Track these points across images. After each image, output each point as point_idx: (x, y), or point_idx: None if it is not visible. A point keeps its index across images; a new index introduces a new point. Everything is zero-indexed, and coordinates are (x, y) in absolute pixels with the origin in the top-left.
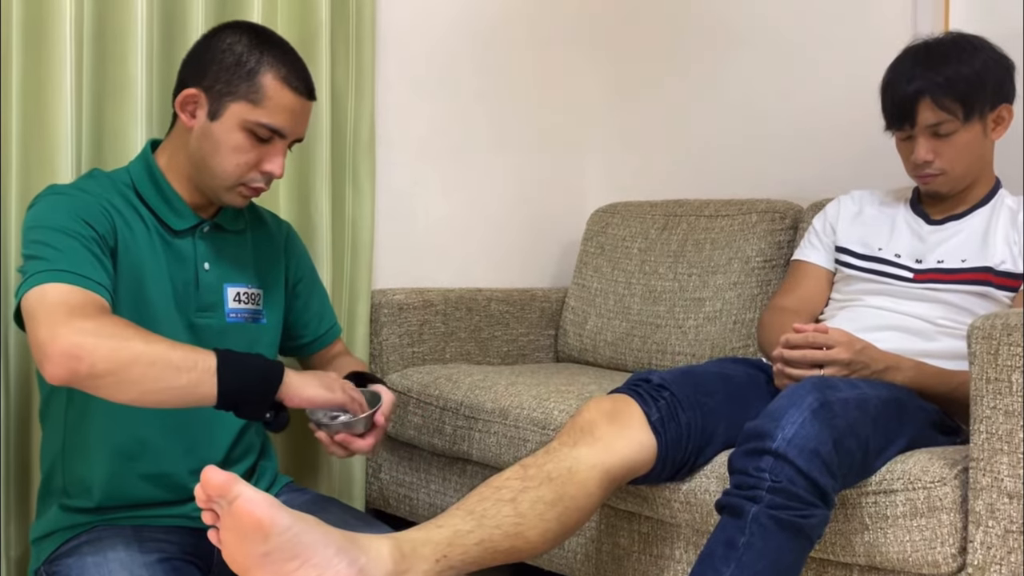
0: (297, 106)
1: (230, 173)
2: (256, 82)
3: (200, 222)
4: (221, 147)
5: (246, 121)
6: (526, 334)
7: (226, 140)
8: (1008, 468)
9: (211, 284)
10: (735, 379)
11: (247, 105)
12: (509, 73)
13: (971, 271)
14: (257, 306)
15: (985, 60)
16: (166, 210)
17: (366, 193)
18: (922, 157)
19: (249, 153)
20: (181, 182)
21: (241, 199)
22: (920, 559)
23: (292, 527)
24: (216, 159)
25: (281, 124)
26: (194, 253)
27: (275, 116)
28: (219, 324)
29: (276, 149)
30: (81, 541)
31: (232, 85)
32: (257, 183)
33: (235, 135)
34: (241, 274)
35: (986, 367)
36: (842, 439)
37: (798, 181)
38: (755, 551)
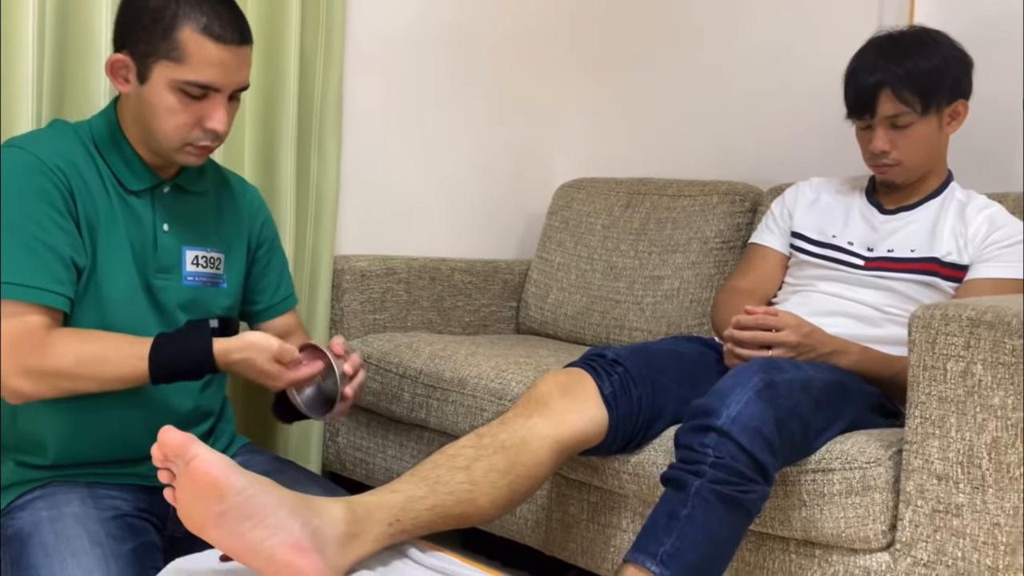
0: (226, 56)
1: (170, 135)
2: (174, 38)
3: (159, 183)
4: (156, 110)
5: (173, 81)
6: (488, 305)
7: (159, 103)
8: (938, 451)
9: (170, 246)
10: (687, 357)
11: (170, 64)
12: (479, 46)
13: (919, 261)
14: (217, 270)
15: (945, 56)
16: (124, 169)
17: (331, 159)
18: (879, 147)
19: (185, 113)
20: (140, 143)
21: (193, 158)
22: (853, 535)
23: (247, 488)
24: (154, 123)
25: (210, 79)
26: (152, 214)
27: (201, 71)
28: (176, 286)
29: (215, 104)
30: (35, 496)
31: (152, 45)
32: (203, 141)
33: (166, 97)
34: (201, 237)
35: (924, 355)
36: (784, 419)
37: (759, 165)
38: (696, 523)
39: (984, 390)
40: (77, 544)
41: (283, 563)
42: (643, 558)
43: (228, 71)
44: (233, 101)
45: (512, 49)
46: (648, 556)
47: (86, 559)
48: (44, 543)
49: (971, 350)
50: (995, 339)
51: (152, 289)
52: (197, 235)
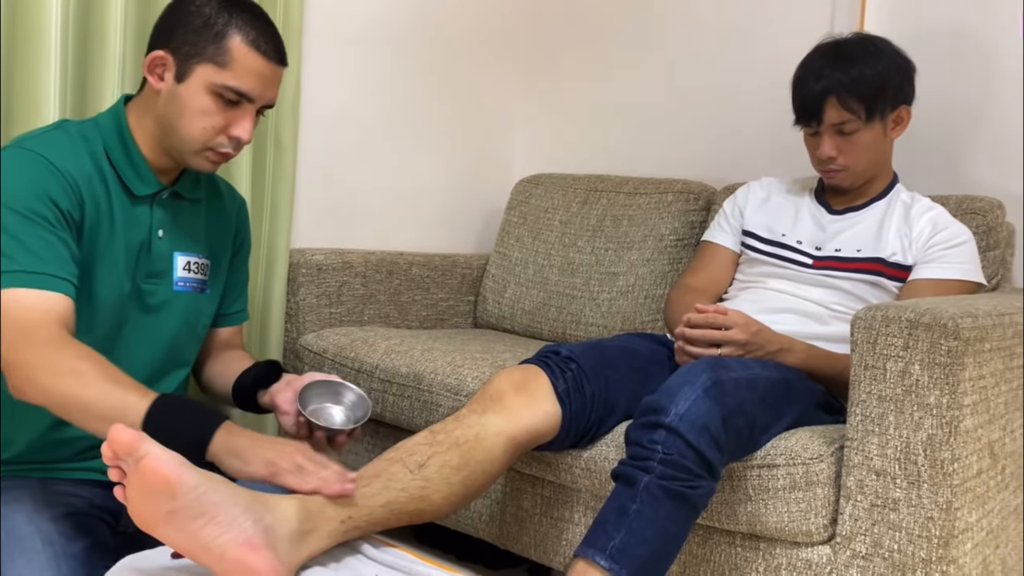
0: (266, 70)
1: (196, 137)
2: (223, 44)
3: (160, 189)
4: (187, 110)
5: (213, 84)
6: (446, 299)
7: (192, 103)
8: (877, 448)
9: (162, 252)
10: (639, 354)
11: (214, 67)
12: (438, 41)
13: (865, 261)
14: (204, 276)
15: (888, 63)
16: (131, 174)
17: (288, 151)
18: (826, 153)
19: (216, 117)
20: (148, 144)
21: (209, 164)
22: (796, 528)
23: (199, 486)
24: (182, 122)
25: (248, 88)
26: (150, 219)
27: (242, 79)
28: (166, 292)
29: (244, 113)
30: None
31: (199, 47)
32: (224, 148)
33: (202, 98)
34: (193, 243)
35: (864, 355)
36: (731, 416)
37: (713, 164)
38: (645, 518)
39: (921, 389)
40: (28, 543)
41: (234, 560)
42: (593, 553)
43: (265, 84)
44: (258, 116)
45: (471, 45)
46: (598, 551)
47: (37, 558)
48: None
49: (909, 351)
50: (932, 340)
51: (141, 293)
52: (189, 241)
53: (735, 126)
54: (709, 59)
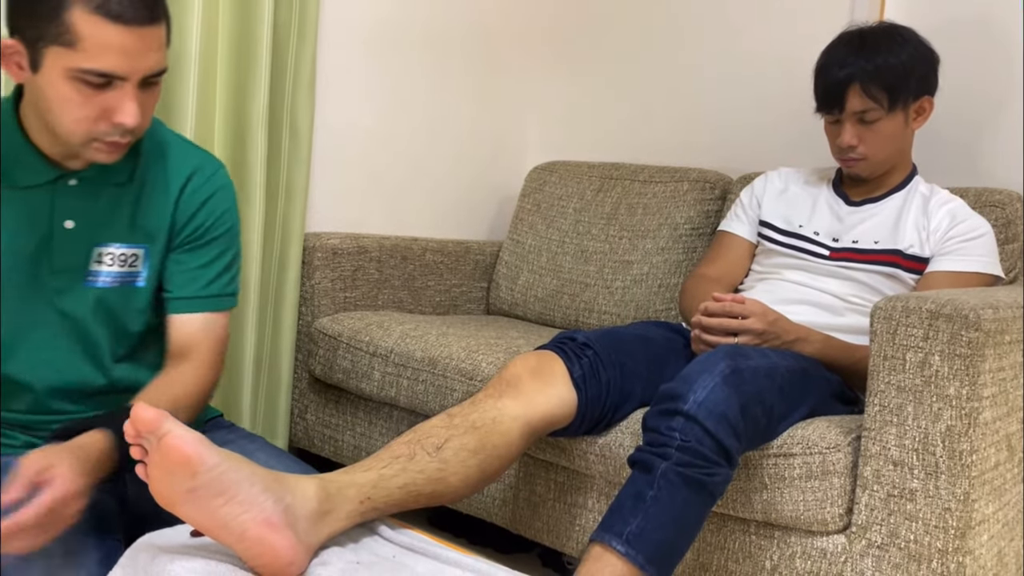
0: (126, 39)
1: (72, 130)
2: (63, 19)
3: (60, 175)
4: (52, 102)
5: (68, 69)
6: (459, 285)
7: (54, 94)
8: (895, 438)
9: (71, 245)
10: (655, 342)
11: (62, 49)
12: (456, 27)
13: (882, 253)
14: (133, 267)
15: (912, 52)
16: (12, 166)
17: (303, 135)
18: (847, 142)
19: (85, 106)
20: (42, 133)
21: (103, 155)
22: (811, 517)
23: (220, 465)
24: (51, 116)
25: (110, 66)
26: (51, 210)
27: (98, 58)
28: (78, 289)
29: (122, 95)
30: None
31: (40, 28)
32: (112, 137)
33: (61, 87)
34: (115, 232)
35: (884, 345)
36: (749, 405)
37: (730, 153)
38: (661, 504)
39: (940, 380)
40: None
41: (255, 539)
42: (609, 537)
43: (132, 56)
44: (150, 88)
45: (489, 31)
46: (614, 536)
47: None
48: None
49: (929, 341)
50: (953, 331)
51: (49, 292)
52: (111, 230)
53: (752, 115)
54: (726, 47)
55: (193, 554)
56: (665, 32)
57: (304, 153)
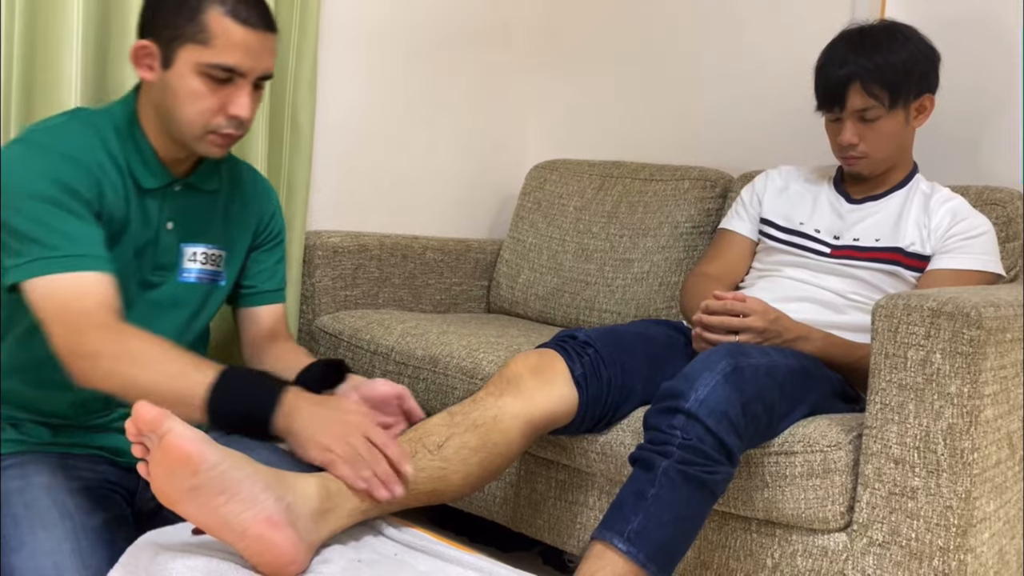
0: (250, 39)
1: (194, 121)
2: (200, 20)
3: (172, 181)
4: (179, 95)
5: (198, 64)
6: (459, 284)
7: (183, 87)
8: (896, 436)
9: (170, 244)
10: (655, 340)
11: (196, 47)
12: (456, 26)
13: (883, 250)
14: (217, 267)
15: (913, 50)
16: (140, 167)
17: (305, 133)
18: (848, 140)
19: (209, 98)
20: (157, 135)
21: (216, 148)
22: (812, 515)
23: (221, 463)
24: (177, 109)
25: (235, 61)
26: (159, 213)
27: (226, 54)
28: (172, 283)
29: (239, 90)
30: (8, 464)
31: (178, 28)
32: (226, 129)
33: (190, 81)
34: (203, 234)
35: (885, 343)
36: (750, 403)
37: (731, 151)
38: (663, 502)
39: (942, 378)
40: (47, 516)
41: (256, 537)
42: (611, 535)
43: (253, 55)
44: (257, 90)
45: (490, 30)
46: (615, 534)
47: (55, 531)
48: (14, 514)
49: (931, 339)
50: (954, 329)
51: (146, 285)
52: (199, 232)
53: (753, 113)
54: (727, 45)
55: (194, 552)
56: (665, 31)
57: (305, 151)
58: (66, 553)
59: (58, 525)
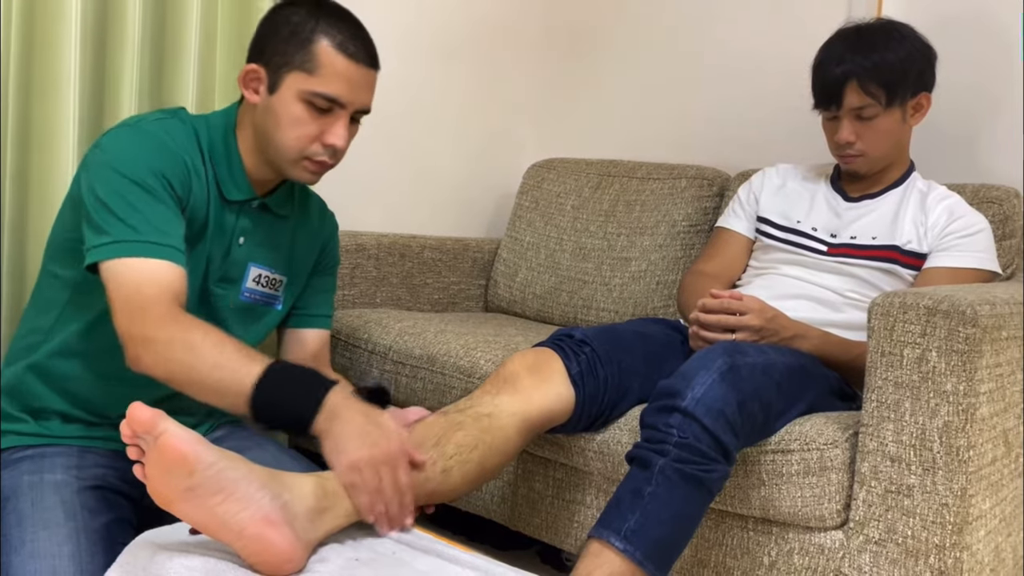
0: (354, 73)
1: (291, 146)
2: (310, 50)
3: (252, 198)
4: (281, 120)
5: (302, 91)
6: (457, 283)
7: (285, 112)
8: (893, 434)
9: (238, 259)
10: (653, 339)
11: (302, 75)
12: (452, 26)
13: (880, 248)
14: (275, 291)
15: (910, 49)
16: (227, 178)
17: None
18: (844, 138)
19: (309, 125)
20: (250, 154)
21: (308, 174)
22: (809, 513)
23: (216, 463)
24: (277, 133)
25: (338, 92)
26: (235, 225)
27: (330, 84)
28: (233, 298)
29: (336, 120)
30: (24, 455)
31: (288, 56)
32: (321, 156)
33: (293, 107)
34: (270, 257)
35: (882, 341)
36: (746, 401)
37: (728, 150)
38: (660, 501)
39: (938, 376)
40: (51, 515)
41: (253, 536)
42: (608, 534)
43: (355, 88)
44: (354, 124)
45: (486, 29)
46: (612, 532)
47: (58, 531)
48: (20, 510)
49: (927, 337)
50: (950, 327)
51: (208, 294)
52: (267, 254)
53: (749, 112)
54: (724, 44)
55: (192, 552)
56: (662, 30)
57: None
58: (65, 557)
59: (61, 526)
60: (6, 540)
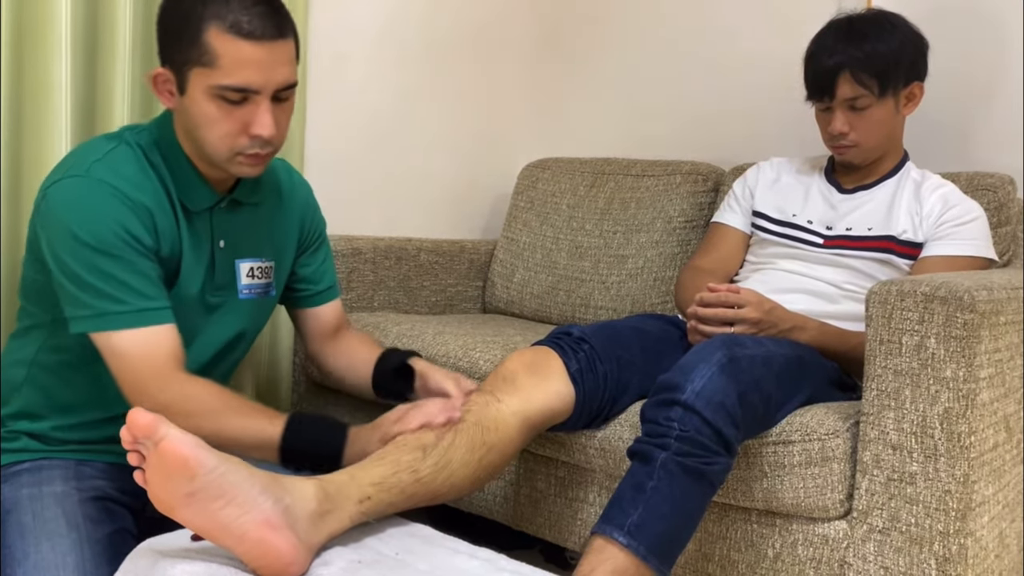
0: (258, 53)
1: (217, 146)
2: (202, 41)
3: (218, 200)
4: (198, 121)
5: (209, 87)
6: (454, 285)
7: (199, 113)
8: (894, 423)
9: (225, 262)
10: (651, 334)
11: (203, 70)
12: (444, 27)
13: (875, 239)
14: (269, 279)
15: (902, 39)
16: (187, 192)
17: (295, 138)
18: (838, 129)
19: (228, 121)
20: (197, 159)
21: (248, 168)
22: (812, 504)
23: (218, 467)
24: (200, 134)
25: (244, 80)
26: (211, 232)
27: (234, 74)
28: (233, 302)
29: (258, 108)
30: (22, 468)
31: (184, 52)
32: (252, 150)
33: (205, 106)
34: (254, 247)
35: (880, 329)
36: (746, 393)
37: (722, 145)
38: (662, 495)
39: (937, 363)
40: (53, 526)
41: (256, 540)
42: (611, 529)
43: (264, 70)
44: (283, 102)
45: (478, 30)
46: (616, 527)
47: (61, 543)
48: (21, 523)
49: (925, 324)
50: (948, 314)
51: (208, 306)
52: (250, 246)
53: (742, 106)
54: (715, 39)
55: (194, 558)
56: (653, 27)
57: (296, 156)
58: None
59: (64, 537)
60: (9, 553)
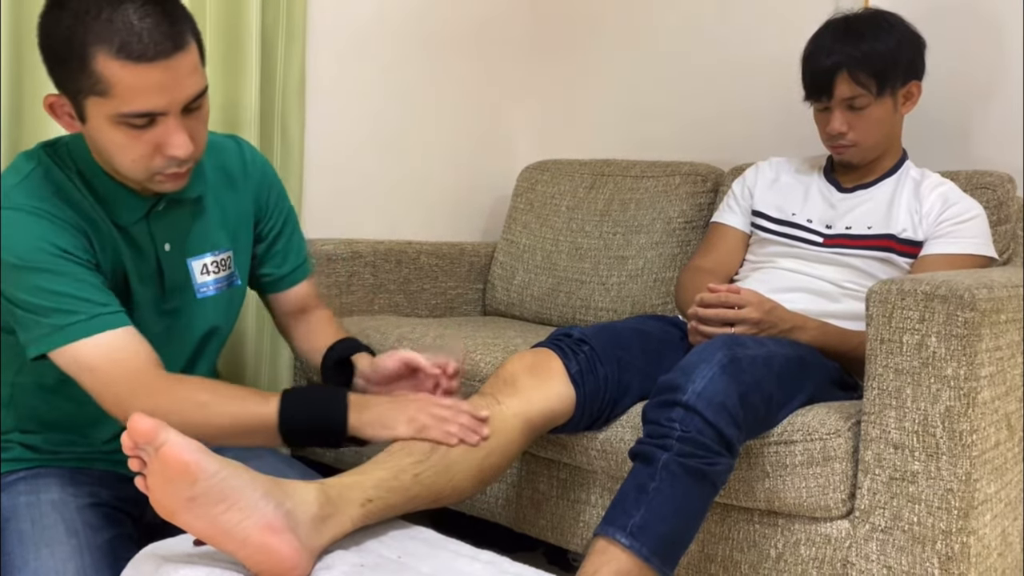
0: (155, 75)
1: (132, 169)
2: (91, 70)
3: (153, 205)
4: (107, 148)
5: (109, 116)
6: (454, 287)
7: (106, 140)
8: (895, 421)
9: (174, 264)
10: (651, 335)
11: (98, 99)
12: (443, 28)
13: (875, 238)
14: (230, 270)
15: (899, 38)
16: (117, 205)
17: (295, 141)
18: (836, 129)
19: (137, 146)
20: (115, 174)
21: (171, 184)
22: (814, 504)
23: (219, 472)
24: (113, 160)
25: (145, 106)
26: (151, 238)
27: (132, 101)
28: (191, 303)
29: (167, 129)
30: (18, 477)
31: (75, 81)
32: (171, 169)
33: (111, 133)
34: (204, 242)
35: (880, 328)
36: (748, 393)
37: (721, 145)
38: (664, 495)
39: (938, 361)
40: (52, 533)
41: (257, 545)
42: (613, 531)
43: (166, 90)
44: (193, 113)
45: (477, 32)
46: (618, 529)
47: (61, 549)
48: (20, 530)
49: (926, 323)
50: (948, 312)
51: (165, 312)
52: (199, 242)
53: (741, 107)
54: (713, 40)
55: (196, 562)
56: (652, 28)
57: (296, 159)
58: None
59: (64, 543)
60: (8, 561)
